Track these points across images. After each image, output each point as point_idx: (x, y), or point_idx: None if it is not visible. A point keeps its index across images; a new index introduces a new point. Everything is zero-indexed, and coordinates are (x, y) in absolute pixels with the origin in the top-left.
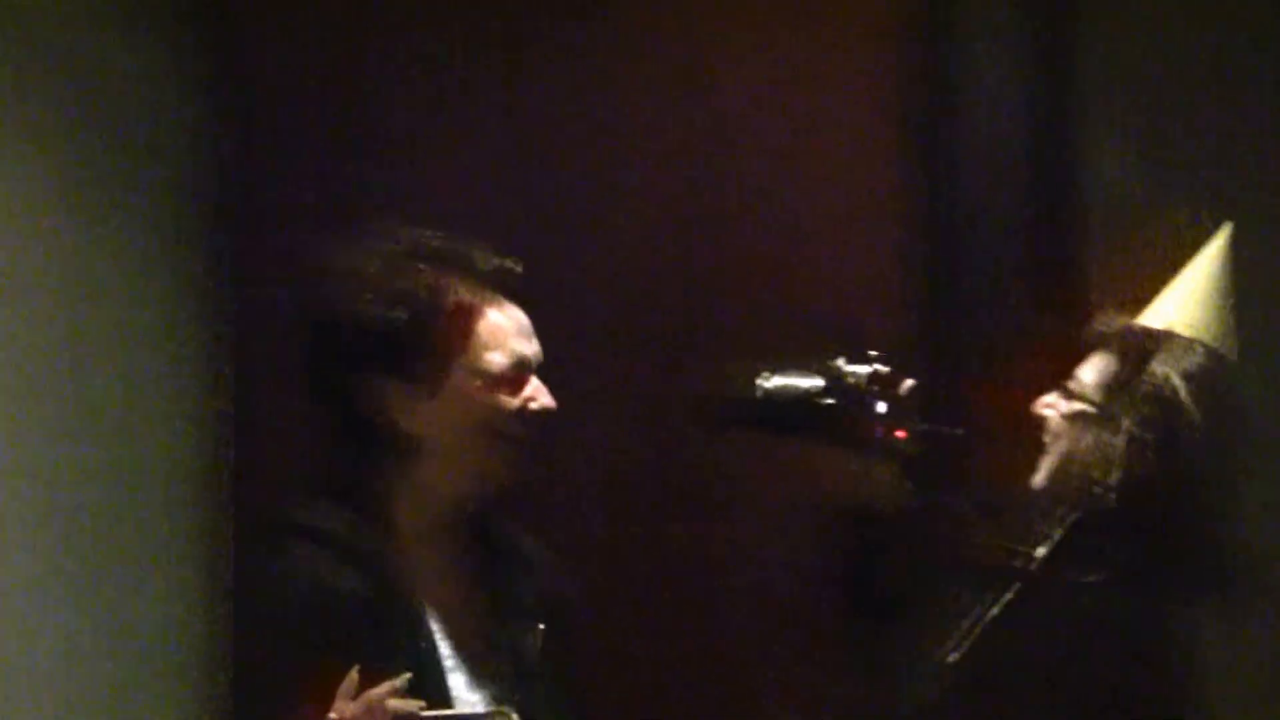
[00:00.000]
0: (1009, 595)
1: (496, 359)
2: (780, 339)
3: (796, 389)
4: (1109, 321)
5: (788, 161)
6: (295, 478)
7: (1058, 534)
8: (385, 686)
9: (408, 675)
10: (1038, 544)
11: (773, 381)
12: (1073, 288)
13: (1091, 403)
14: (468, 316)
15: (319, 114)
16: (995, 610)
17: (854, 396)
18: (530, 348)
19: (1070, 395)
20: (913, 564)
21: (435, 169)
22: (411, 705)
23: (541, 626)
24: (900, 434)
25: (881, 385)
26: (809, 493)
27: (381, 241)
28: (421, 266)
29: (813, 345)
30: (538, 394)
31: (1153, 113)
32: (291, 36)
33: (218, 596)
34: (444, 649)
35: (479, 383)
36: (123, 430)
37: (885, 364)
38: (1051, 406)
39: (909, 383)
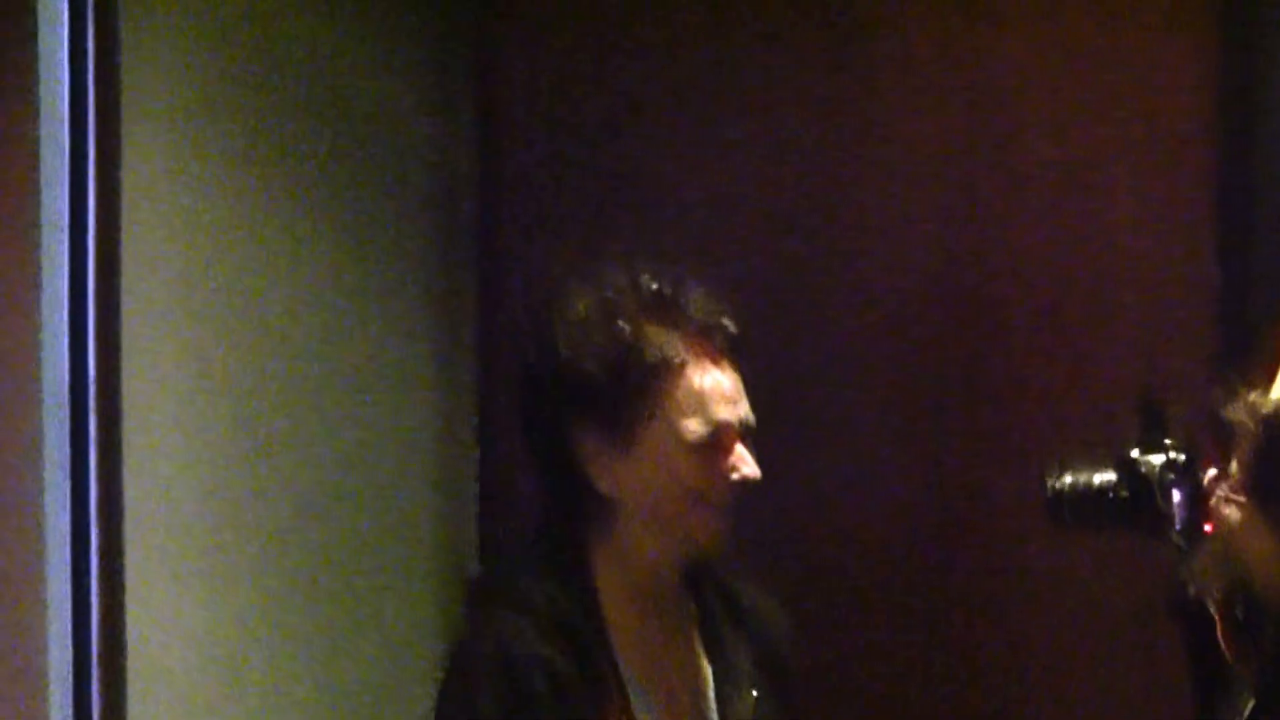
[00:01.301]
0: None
1: (694, 425)
2: (1069, 385)
3: (1089, 485)
4: (1247, 401)
5: (1084, 197)
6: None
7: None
8: None
9: None
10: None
11: (1064, 479)
12: None
13: (1247, 505)
14: (668, 376)
15: (570, 149)
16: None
17: (1149, 487)
18: (735, 413)
19: (1229, 494)
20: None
21: (687, 202)
22: None
23: (755, 694)
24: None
25: (1178, 474)
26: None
27: (598, 288)
28: (629, 317)
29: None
30: (739, 462)
31: None
32: (544, 68)
33: None
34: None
35: (675, 446)
36: (372, 463)
37: (1181, 451)
38: (1215, 497)
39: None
